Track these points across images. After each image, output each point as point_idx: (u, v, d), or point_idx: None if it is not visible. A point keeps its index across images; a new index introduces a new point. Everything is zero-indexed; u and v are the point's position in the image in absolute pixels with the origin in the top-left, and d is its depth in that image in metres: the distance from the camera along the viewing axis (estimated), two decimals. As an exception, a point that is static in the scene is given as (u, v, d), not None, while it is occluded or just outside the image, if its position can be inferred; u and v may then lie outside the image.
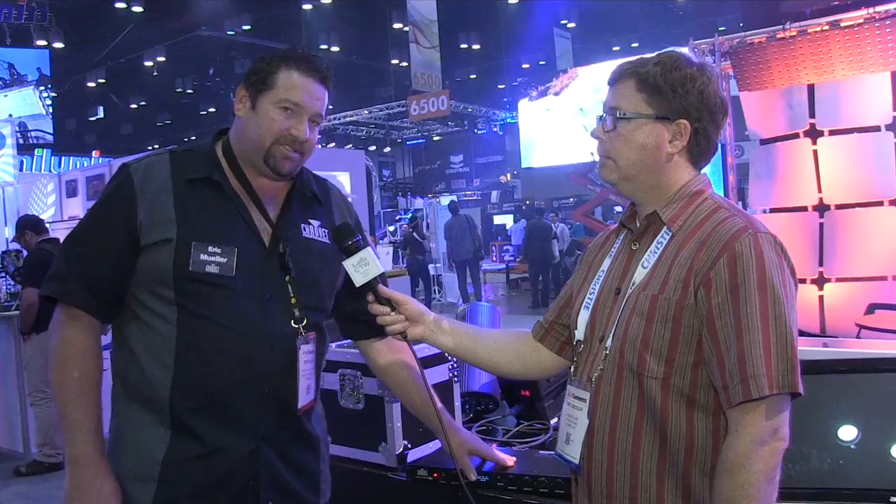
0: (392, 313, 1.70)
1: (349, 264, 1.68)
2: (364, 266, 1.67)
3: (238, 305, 1.66)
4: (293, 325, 1.72)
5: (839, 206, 5.99)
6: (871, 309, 5.41)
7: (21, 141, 15.03)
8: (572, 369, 1.61)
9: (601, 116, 1.54)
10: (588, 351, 1.56)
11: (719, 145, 1.52)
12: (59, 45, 20.10)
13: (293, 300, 1.73)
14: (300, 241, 1.78)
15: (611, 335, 1.49)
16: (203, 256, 1.64)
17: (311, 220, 1.83)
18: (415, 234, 13.98)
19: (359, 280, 1.67)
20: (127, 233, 1.65)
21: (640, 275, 1.48)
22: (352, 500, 2.21)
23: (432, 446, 2.20)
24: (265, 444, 1.70)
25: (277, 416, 1.72)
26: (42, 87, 18.02)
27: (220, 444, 1.66)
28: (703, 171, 1.55)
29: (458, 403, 2.34)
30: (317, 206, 1.87)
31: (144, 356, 1.66)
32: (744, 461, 1.31)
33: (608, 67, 1.60)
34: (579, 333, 1.59)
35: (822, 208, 6.05)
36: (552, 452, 2.09)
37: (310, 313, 1.76)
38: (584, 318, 1.58)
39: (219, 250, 1.65)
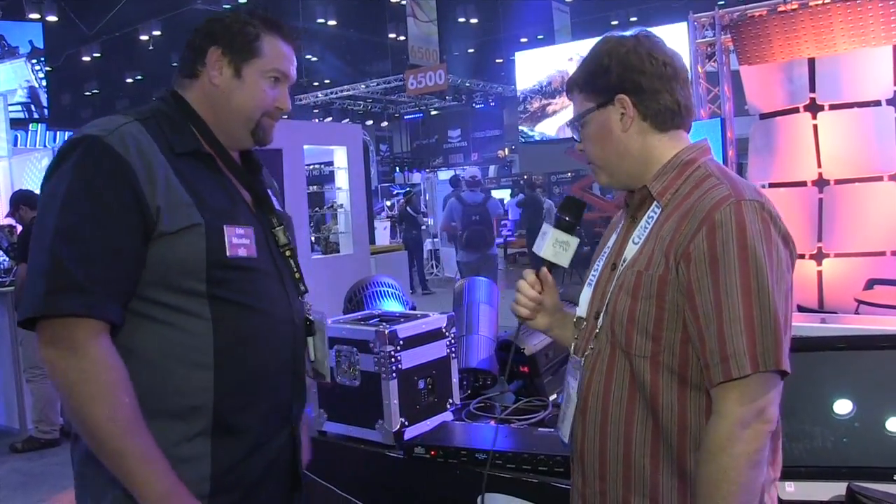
0: (533, 299, 1.66)
1: (553, 237, 1.59)
2: (564, 249, 1.60)
3: (266, 287, 1.58)
4: (300, 298, 1.71)
5: (838, 182, 5.97)
6: (870, 284, 5.41)
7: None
8: (572, 347, 1.59)
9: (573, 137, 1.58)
10: (586, 328, 1.54)
11: (682, 102, 1.48)
12: (52, 18, 19.89)
13: (296, 274, 1.70)
14: (278, 213, 1.72)
15: (602, 312, 1.48)
16: (235, 240, 1.52)
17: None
18: (409, 209, 13.95)
19: (548, 254, 1.60)
20: (142, 221, 1.43)
21: (630, 251, 1.46)
22: (348, 477, 2.21)
23: (430, 423, 2.19)
24: (296, 423, 1.69)
25: (301, 393, 1.70)
26: (34, 60, 17.84)
27: (264, 437, 1.58)
28: (699, 139, 1.51)
29: (455, 380, 2.33)
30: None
31: (168, 362, 1.46)
32: (725, 444, 1.27)
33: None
34: (580, 310, 1.58)
35: (821, 183, 6.03)
36: (551, 430, 2.09)
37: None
38: (586, 294, 1.57)
39: (243, 231, 1.54)
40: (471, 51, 28.31)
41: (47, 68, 18.99)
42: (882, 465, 1.69)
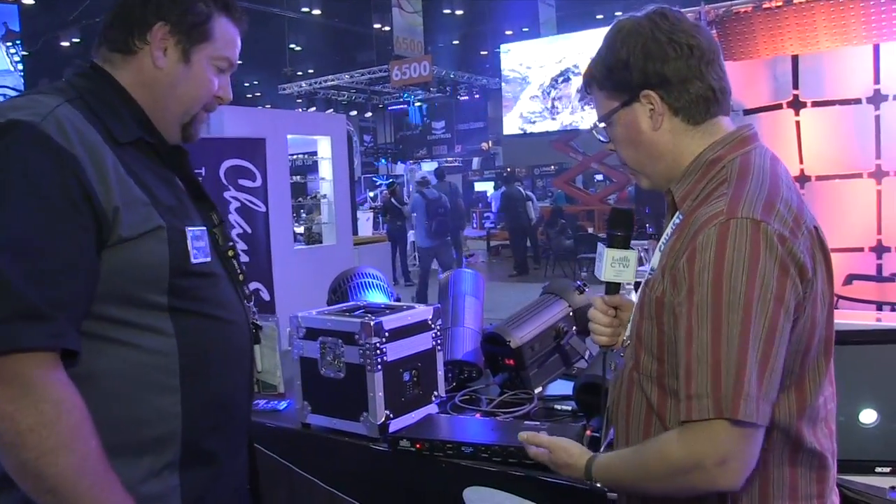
0: (609, 325, 1.53)
1: (609, 257, 1.48)
2: (625, 266, 1.49)
3: (223, 293, 1.42)
4: (247, 301, 1.53)
5: (819, 178, 6.03)
6: (849, 280, 5.48)
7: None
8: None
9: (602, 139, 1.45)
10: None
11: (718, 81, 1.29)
12: (29, 1, 19.61)
13: (240, 276, 1.51)
14: (216, 208, 1.54)
15: (629, 326, 1.41)
16: (195, 243, 1.33)
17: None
18: (393, 200, 13.93)
19: (609, 276, 1.49)
20: (96, 227, 1.21)
21: (655, 259, 1.36)
22: (332, 470, 2.20)
23: (415, 416, 2.18)
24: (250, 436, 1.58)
25: (251, 403, 1.58)
26: (9, 43, 17.56)
27: (231, 457, 1.45)
28: (729, 125, 1.36)
29: (441, 372, 2.32)
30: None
31: (131, 389, 1.27)
32: (666, 467, 1.19)
33: (593, 35, 1.53)
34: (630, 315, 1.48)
35: (802, 179, 6.08)
36: (537, 423, 2.09)
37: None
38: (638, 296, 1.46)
39: (200, 232, 1.36)
40: (456, 42, 28.24)
41: (24, 52, 18.73)
42: (864, 458, 1.72)
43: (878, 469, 1.70)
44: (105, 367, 1.25)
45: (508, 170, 19.59)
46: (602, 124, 1.41)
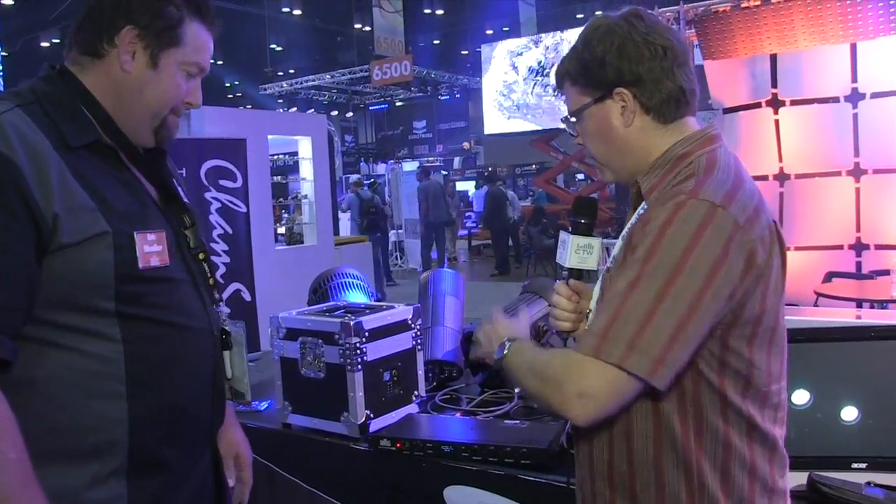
0: (573, 311, 1.55)
1: (574, 244, 1.50)
2: (589, 253, 1.51)
3: (182, 298, 1.39)
4: (215, 307, 1.51)
5: (799, 176, 6.09)
6: (829, 277, 5.53)
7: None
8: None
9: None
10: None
11: (686, 82, 1.36)
12: (8, 1, 19.44)
13: (210, 280, 1.50)
14: (189, 209, 1.51)
15: (590, 315, 1.45)
16: (147, 248, 1.31)
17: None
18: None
19: (573, 263, 1.51)
20: (35, 234, 1.19)
21: (617, 248, 1.39)
22: (313, 470, 2.19)
23: (395, 416, 2.18)
24: (216, 443, 1.56)
25: (221, 412, 1.54)
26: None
27: (187, 467, 1.42)
28: (702, 124, 1.39)
29: (421, 372, 2.32)
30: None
31: (74, 394, 1.25)
32: (554, 374, 1.25)
33: (573, 34, 1.55)
34: (592, 302, 1.51)
35: (782, 177, 6.14)
36: (516, 421, 2.09)
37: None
38: (596, 293, 1.49)
39: (154, 236, 1.33)
40: (436, 42, 28.25)
41: (3, 53, 18.57)
42: (840, 454, 1.73)
43: (855, 465, 1.71)
44: (47, 372, 1.24)
45: (490, 169, 19.63)
46: (573, 119, 1.44)
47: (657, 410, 1.28)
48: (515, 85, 17.71)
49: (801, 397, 1.79)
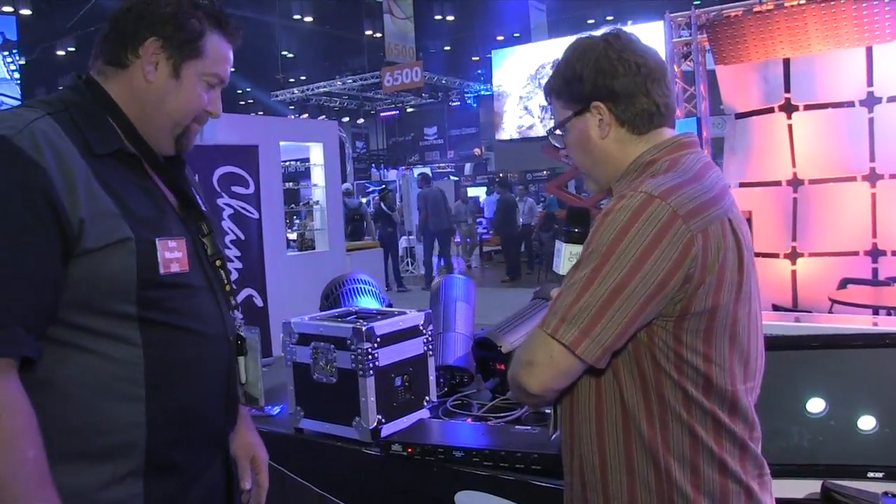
0: None
1: (567, 252, 1.54)
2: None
3: (200, 304, 1.42)
4: (231, 313, 1.54)
5: (813, 181, 6.04)
6: (844, 283, 5.47)
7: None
8: None
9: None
10: None
11: (656, 99, 1.41)
12: (26, 11, 19.65)
13: (227, 286, 1.53)
14: (207, 217, 1.55)
15: None
16: (167, 254, 1.34)
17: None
18: (383, 206, 13.95)
19: (566, 269, 1.52)
20: (61, 238, 1.23)
21: None
22: (324, 475, 2.19)
23: (406, 421, 2.18)
24: (227, 447, 1.57)
25: (233, 416, 1.56)
26: (6, 52, 17.60)
27: (200, 468, 1.45)
28: (672, 134, 1.45)
29: (432, 377, 2.32)
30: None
31: (94, 396, 1.28)
32: (519, 352, 1.36)
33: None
34: None
35: (795, 183, 6.10)
36: (528, 427, 2.08)
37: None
38: None
39: (175, 243, 1.37)
40: (447, 48, 28.32)
41: (21, 61, 18.76)
42: (856, 462, 1.71)
43: (871, 474, 1.69)
44: (68, 374, 1.27)
45: (501, 175, 19.61)
46: (558, 131, 1.53)
47: (623, 402, 1.33)
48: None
49: (816, 405, 1.76)
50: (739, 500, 1.33)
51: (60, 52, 24.60)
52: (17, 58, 18.07)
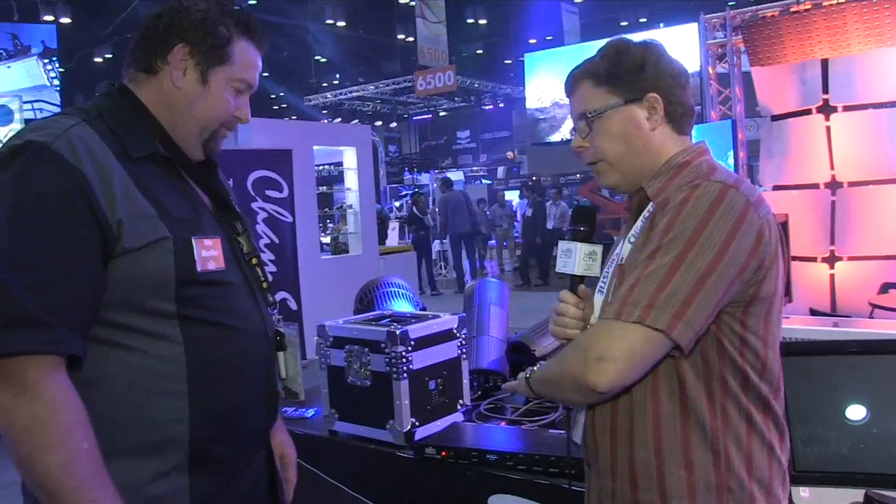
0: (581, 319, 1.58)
1: (582, 252, 1.54)
2: (594, 259, 1.56)
3: (237, 301, 1.45)
4: (269, 310, 1.56)
5: (852, 184, 5.93)
6: (885, 288, 5.36)
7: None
8: None
9: (573, 129, 1.54)
10: None
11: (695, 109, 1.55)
12: (65, 20, 20.02)
13: (264, 284, 1.56)
14: (241, 217, 1.58)
15: (592, 316, 1.51)
16: (204, 253, 1.37)
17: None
18: (415, 209, 13.97)
19: (581, 270, 1.56)
20: (101, 239, 1.27)
21: (626, 249, 1.45)
22: (358, 478, 2.20)
23: (440, 424, 2.18)
24: (269, 444, 1.61)
25: (274, 412, 1.60)
26: (46, 60, 17.95)
27: (242, 463, 1.48)
28: (696, 141, 1.51)
29: (466, 381, 2.32)
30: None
31: (138, 393, 1.31)
32: (571, 352, 1.34)
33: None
34: (594, 317, 1.54)
35: (834, 185, 5.99)
36: (562, 431, 2.07)
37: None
38: (598, 301, 1.54)
39: (211, 242, 1.39)
40: (479, 52, 28.30)
41: (61, 69, 19.12)
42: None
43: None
44: (112, 372, 1.31)
45: (534, 179, 19.54)
46: (590, 115, 1.49)
47: (683, 391, 1.33)
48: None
49: (856, 413, 1.72)
50: (781, 485, 1.37)
51: (98, 60, 25.01)
52: (57, 65, 18.41)
